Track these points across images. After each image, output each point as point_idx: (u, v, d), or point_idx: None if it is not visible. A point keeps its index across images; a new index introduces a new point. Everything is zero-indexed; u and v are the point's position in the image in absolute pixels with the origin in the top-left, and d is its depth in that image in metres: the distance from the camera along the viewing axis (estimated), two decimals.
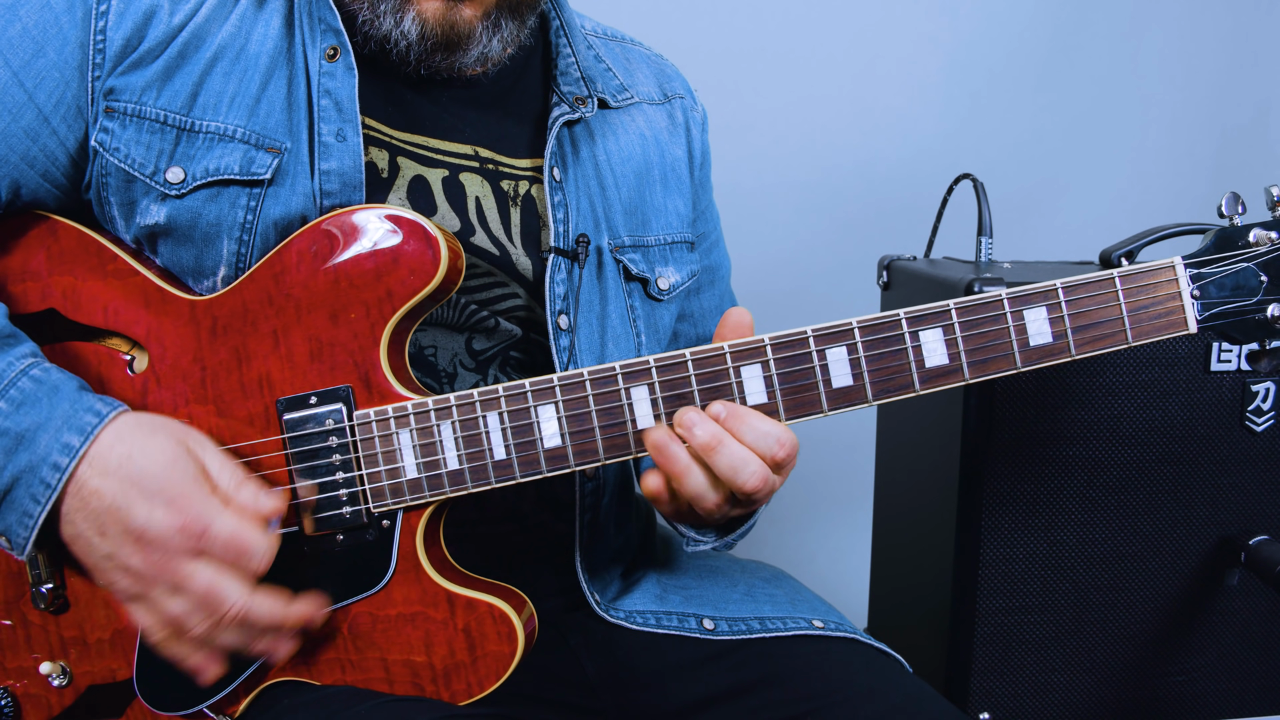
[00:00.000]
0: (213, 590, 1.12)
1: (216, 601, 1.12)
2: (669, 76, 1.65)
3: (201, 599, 1.12)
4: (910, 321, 1.16)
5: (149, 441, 1.14)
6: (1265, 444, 1.96)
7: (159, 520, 1.11)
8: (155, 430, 1.16)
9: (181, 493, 1.12)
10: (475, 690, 1.22)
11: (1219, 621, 2.01)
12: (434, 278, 1.20)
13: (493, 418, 1.20)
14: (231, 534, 1.12)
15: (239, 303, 1.23)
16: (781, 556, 3.16)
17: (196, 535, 1.11)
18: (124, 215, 1.28)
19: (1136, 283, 1.17)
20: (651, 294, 1.50)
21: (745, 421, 1.14)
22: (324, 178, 1.27)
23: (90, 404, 1.16)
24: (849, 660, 1.38)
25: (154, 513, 1.11)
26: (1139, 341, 1.17)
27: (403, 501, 1.22)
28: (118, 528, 1.12)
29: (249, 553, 1.13)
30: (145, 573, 1.12)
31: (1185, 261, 1.18)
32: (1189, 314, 1.17)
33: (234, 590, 1.13)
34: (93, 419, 1.14)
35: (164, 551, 1.11)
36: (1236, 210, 1.20)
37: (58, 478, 1.12)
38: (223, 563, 1.12)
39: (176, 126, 1.26)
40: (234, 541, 1.12)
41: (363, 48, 1.33)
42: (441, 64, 1.35)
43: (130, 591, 1.14)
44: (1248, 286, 1.18)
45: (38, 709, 1.29)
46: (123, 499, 1.11)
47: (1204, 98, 3.36)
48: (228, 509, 1.14)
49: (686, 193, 1.59)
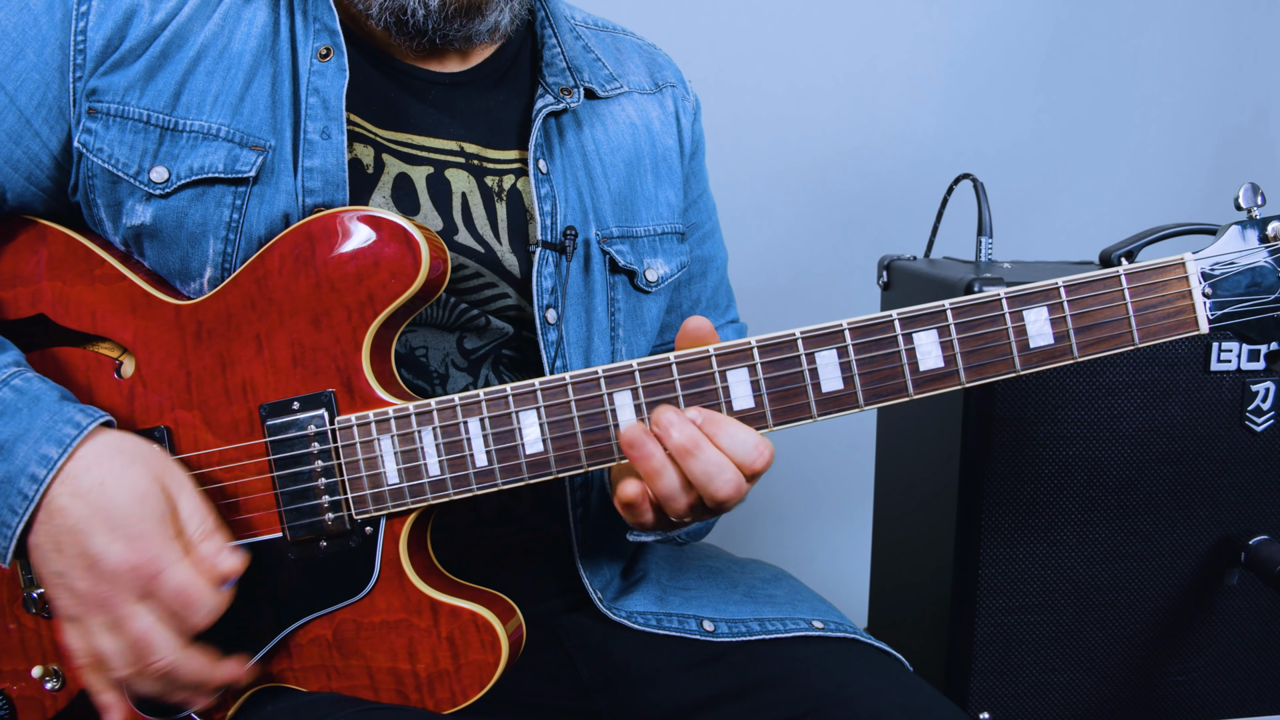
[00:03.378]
0: (146, 639, 1.11)
1: (147, 651, 1.11)
2: (660, 65, 1.64)
3: (133, 644, 1.11)
4: (904, 323, 1.12)
5: (125, 471, 1.14)
6: (1265, 444, 1.95)
7: (115, 554, 1.10)
8: (135, 460, 1.15)
9: (143, 532, 1.11)
10: (459, 699, 1.21)
11: (1219, 621, 2.01)
12: (415, 281, 1.18)
13: (474, 423, 1.18)
14: (182, 585, 1.11)
15: (223, 307, 1.22)
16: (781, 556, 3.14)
17: (147, 578, 1.10)
18: (111, 217, 1.28)
19: (1143, 280, 1.10)
20: (639, 286, 1.49)
21: (723, 428, 1.12)
22: (307, 175, 1.26)
23: (70, 415, 1.15)
24: (849, 660, 1.37)
25: (112, 545, 1.10)
26: (1147, 343, 1.11)
27: (385, 508, 1.21)
28: (74, 549, 1.11)
29: (194, 607, 1.12)
30: (88, 600, 1.11)
31: (1196, 257, 1.11)
32: (1200, 313, 1.11)
33: (166, 645, 1.12)
34: (71, 430, 1.13)
35: (111, 585, 1.10)
36: (1255, 202, 1.13)
37: (35, 489, 1.11)
38: (165, 611, 1.12)
39: (160, 126, 1.25)
40: (182, 593, 1.11)
41: (377, 20, 1.33)
42: (457, 32, 1.34)
43: (69, 612, 1.13)
44: (1265, 283, 1.11)
45: (32, 711, 1.29)
46: (85, 524, 1.11)
47: (1204, 98, 3.35)
48: (185, 558, 1.13)
49: (678, 183, 1.58)
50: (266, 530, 1.23)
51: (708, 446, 1.11)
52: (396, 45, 1.38)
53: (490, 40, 1.42)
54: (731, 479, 1.11)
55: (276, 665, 1.25)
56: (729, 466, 1.11)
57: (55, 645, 1.27)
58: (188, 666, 1.14)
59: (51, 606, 1.16)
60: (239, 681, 1.20)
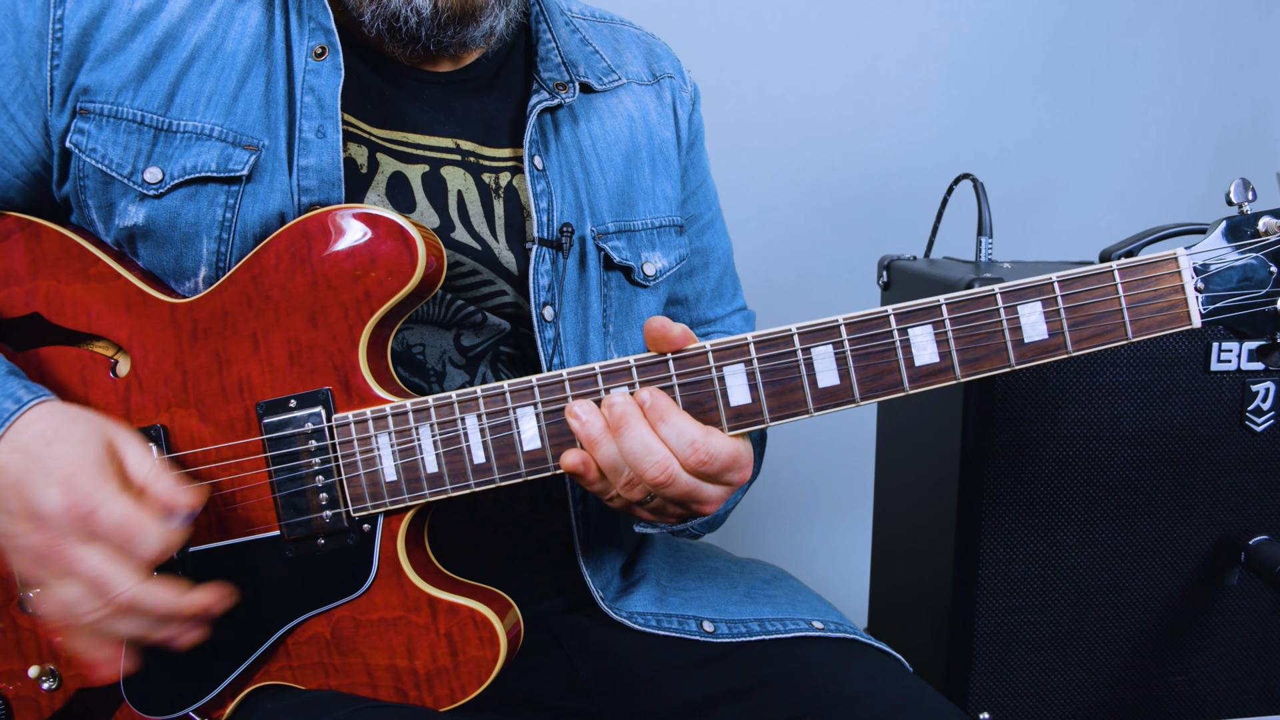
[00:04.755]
0: (100, 575, 1.10)
1: (104, 587, 1.10)
2: (658, 56, 1.64)
3: (90, 583, 1.10)
4: (899, 318, 1.12)
5: (66, 426, 1.14)
6: (1265, 444, 1.95)
7: (51, 498, 1.09)
8: (78, 418, 1.16)
9: (77, 473, 1.10)
10: (458, 695, 1.21)
11: (1219, 621, 2.00)
12: (412, 278, 1.19)
13: (471, 420, 1.19)
14: (121, 519, 1.10)
15: (219, 305, 1.23)
16: (781, 556, 3.14)
17: (83, 516, 1.09)
18: (103, 218, 1.28)
19: (1136, 275, 1.11)
20: (636, 280, 1.49)
21: (664, 416, 1.13)
22: (302, 174, 1.26)
23: (12, 390, 1.16)
24: (849, 660, 1.37)
25: (48, 490, 1.10)
26: (1140, 337, 1.12)
27: (382, 505, 1.21)
28: (17, 504, 1.11)
29: (138, 539, 1.10)
30: (39, 553, 1.11)
31: (1189, 252, 1.12)
32: (1192, 307, 1.12)
33: (122, 577, 1.10)
34: (11, 405, 1.14)
35: (54, 531, 1.10)
36: (1246, 197, 1.14)
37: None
38: (111, 547, 1.10)
39: (154, 126, 1.25)
40: (123, 526, 1.10)
41: (369, 28, 1.33)
42: (451, 39, 1.34)
43: (28, 574, 1.13)
44: (1256, 278, 1.12)
45: (29, 711, 1.29)
46: (25, 474, 1.11)
47: (1204, 97, 3.35)
48: (121, 495, 1.12)
49: (675, 176, 1.58)
50: (264, 528, 1.23)
51: (640, 425, 1.12)
52: (390, 49, 1.38)
53: (485, 45, 1.42)
54: (660, 461, 1.11)
55: (274, 663, 1.25)
56: (660, 449, 1.12)
57: (52, 646, 1.27)
58: (153, 596, 1.12)
59: (17, 578, 1.16)
60: (214, 607, 1.18)
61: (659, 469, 1.11)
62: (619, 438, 1.12)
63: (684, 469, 1.13)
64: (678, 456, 1.12)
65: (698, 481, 1.14)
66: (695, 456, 1.12)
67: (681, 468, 1.13)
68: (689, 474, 1.13)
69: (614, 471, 1.14)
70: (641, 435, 1.12)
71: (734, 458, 1.15)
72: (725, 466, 1.14)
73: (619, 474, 1.14)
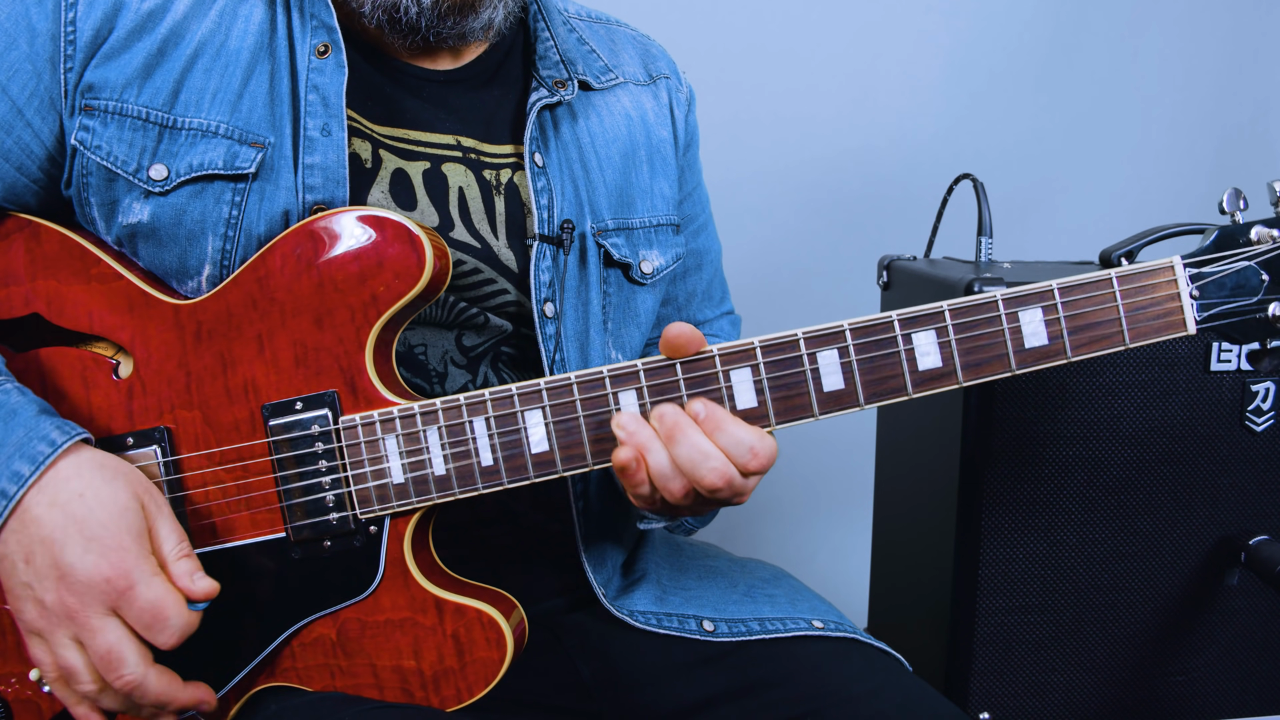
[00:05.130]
0: (115, 652, 1.10)
1: (115, 665, 1.11)
2: (654, 57, 1.64)
3: (101, 657, 1.11)
4: (903, 323, 1.14)
5: (105, 486, 1.13)
6: (1265, 444, 1.95)
7: (89, 565, 1.10)
8: (116, 476, 1.15)
9: (119, 545, 1.11)
10: (464, 696, 1.21)
11: (1219, 621, 2.00)
12: (419, 281, 1.19)
13: (479, 423, 1.19)
14: (155, 599, 1.11)
15: (223, 307, 1.23)
16: (781, 556, 3.16)
17: (120, 591, 1.10)
18: (105, 216, 1.28)
19: (1134, 283, 1.14)
20: (634, 278, 1.49)
21: (720, 426, 1.13)
22: (307, 172, 1.26)
23: (45, 432, 1.15)
24: (849, 660, 1.37)
25: (86, 557, 1.10)
26: (1137, 343, 1.14)
27: (389, 507, 1.21)
28: (45, 560, 1.11)
29: (164, 623, 1.11)
30: (56, 612, 1.11)
31: (1185, 261, 1.15)
32: (1188, 314, 1.14)
33: (133, 660, 1.11)
34: (45, 448, 1.13)
35: (81, 597, 1.10)
36: (1238, 206, 1.17)
37: (4, 505, 1.12)
38: (135, 625, 1.11)
39: (159, 124, 1.25)
40: (155, 607, 1.11)
41: (369, 19, 1.33)
42: (451, 30, 1.35)
43: (34, 625, 1.13)
44: (1248, 286, 1.15)
45: (29, 714, 1.28)
46: (60, 534, 1.10)
47: (1204, 98, 3.35)
48: (158, 576, 1.12)
49: (672, 175, 1.58)
50: (269, 530, 1.23)
51: (694, 432, 1.12)
52: (390, 43, 1.38)
53: (484, 38, 1.42)
54: (718, 467, 1.12)
55: (280, 665, 1.25)
56: (716, 455, 1.12)
57: None
58: (154, 684, 1.13)
59: (16, 619, 1.15)
60: (205, 706, 1.19)
61: (717, 475, 1.11)
62: (673, 446, 1.12)
63: (741, 474, 1.13)
64: (737, 463, 1.12)
65: (744, 480, 1.15)
66: (756, 462, 1.13)
67: (740, 473, 1.13)
68: (740, 476, 1.14)
69: (663, 478, 1.14)
70: (697, 442, 1.12)
71: (774, 452, 1.16)
72: (768, 463, 1.15)
73: (668, 480, 1.14)
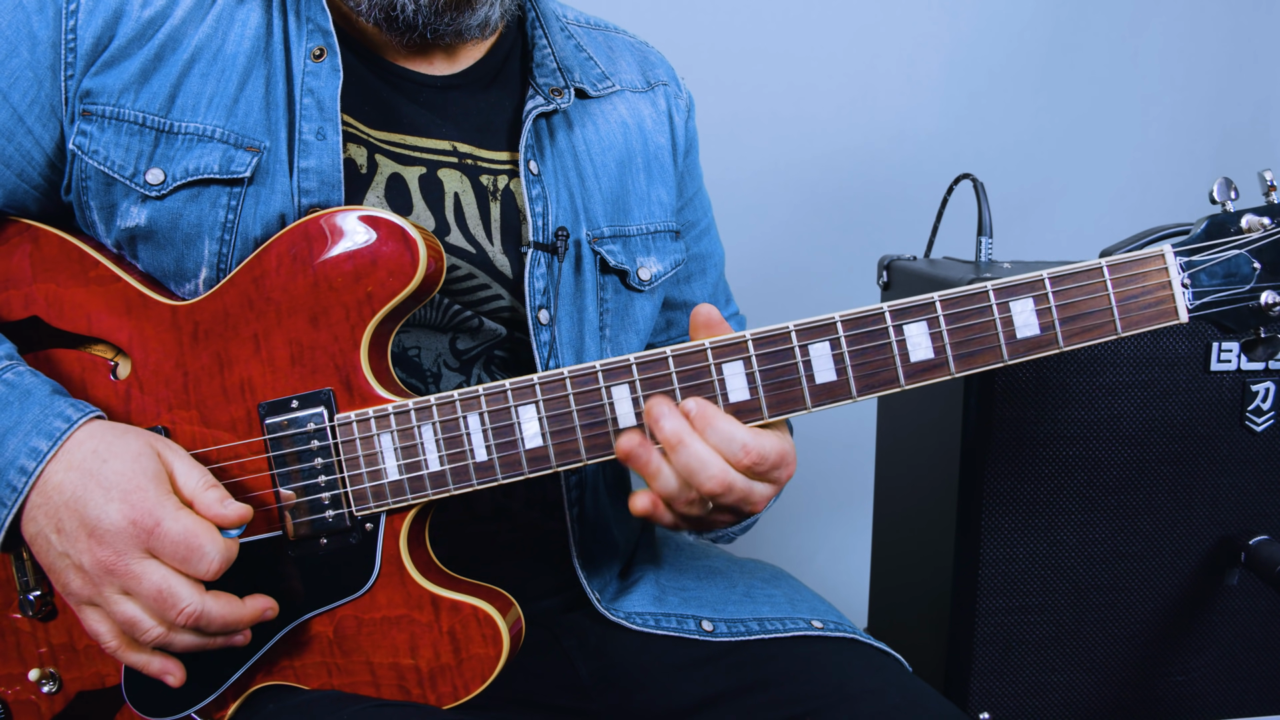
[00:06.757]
0: (165, 590, 1.11)
1: (170, 601, 1.11)
2: (652, 64, 1.65)
3: (153, 600, 1.11)
4: (894, 315, 1.14)
5: (118, 441, 1.15)
6: (1265, 444, 1.94)
7: (112, 514, 1.10)
8: (127, 433, 1.17)
9: (137, 487, 1.11)
10: (461, 693, 1.21)
11: (1219, 621, 2.00)
12: (413, 279, 1.19)
13: (473, 419, 1.19)
14: (183, 533, 1.11)
15: (220, 307, 1.23)
16: (781, 556, 3.15)
17: (147, 531, 1.10)
18: (104, 219, 1.28)
19: (1125, 272, 1.14)
20: (631, 285, 1.49)
21: (711, 423, 1.12)
22: (302, 176, 1.27)
23: (61, 409, 1.16)
24: (848, 660, 1.37)
25: (109, 505, 1.11)
26: (1129, 332, 1.14)
27: (385, 504, 1.21)
28: (74, 522, 1.11)
29: (199, 553, 1.11)
30: (97, 570, 1.11)
31: (1175, 249, 1.15)
32: (1179, 302, 1.14)
33: (186, 592, 1.11)
34: (62, 424, 1.15)
35: (114, 548, 1.10)
36: (1229, 196, 1.17)
37: (24, 481, 1.13)
38: (173, 561, 1.11)
39: (155, 128, 1.26)
40: (185, 540, 1.11)
41: (366, 17, 1.34)
42: (447, 26, 1.35)
43: (83, 594, 1.14)
44: (1240, 274, 1.15)
45: (28, 715, 1.29)
46: (81, 491, 1.11)
47: (1204, 98, 3.35)
48: (183, 510, 1.13)
49: (670, 181, 1.58)
50: (266, 528, 1.23)
51: (693, 439, 1.11)
52: (386, 43, 1.39)
53: (481, 36, 1.42)
54: (716, 474, 1.11)
55: (277, 663, 1.25)
56: (715, 461, 1.11)
57: (52, 648, 1.27)
58: (215, 608, 1.13)
59: (66, 597, 1.16)
60: (269, 614, 1.19)
61: (715, 482, 1.11)
62: (674, 455, 1.11)
63: (739, 474, 1.13)
64: (730, 461, 1.12)
65: (749, 483, 1.14)
66: (748, 459, 1.11)
67: (737, 473, 1.12)
68: (743, 478, 1.13)
69: (671, 498, 1.14)
70: (696, 451, 1.11)
71: (782, 455, 1.15)
72: (774, 465, 1.14)
73: (677, 498, 1.14)
